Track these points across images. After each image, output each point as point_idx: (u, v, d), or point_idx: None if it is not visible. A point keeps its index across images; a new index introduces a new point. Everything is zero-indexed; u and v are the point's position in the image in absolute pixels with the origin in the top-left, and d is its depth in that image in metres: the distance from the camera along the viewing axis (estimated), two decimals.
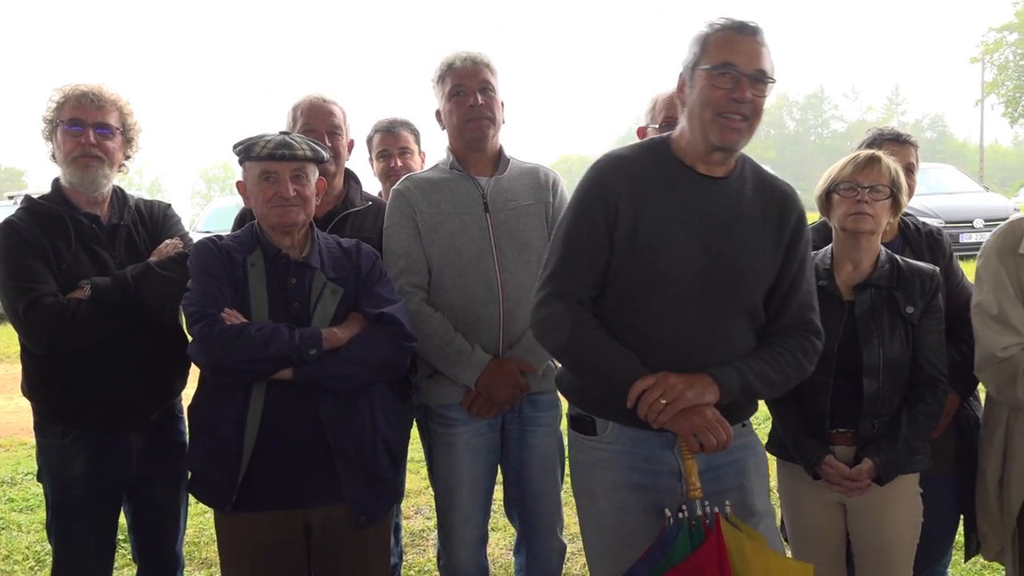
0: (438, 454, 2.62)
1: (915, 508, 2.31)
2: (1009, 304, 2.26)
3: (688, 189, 1.98)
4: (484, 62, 2.58)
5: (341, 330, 2.20)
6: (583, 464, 2.12)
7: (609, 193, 1.96)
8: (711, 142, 1.93)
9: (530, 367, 2.52)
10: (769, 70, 1.93)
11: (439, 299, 2.53)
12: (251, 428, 2.14)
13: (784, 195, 2.06)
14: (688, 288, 1.94)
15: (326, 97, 2.77)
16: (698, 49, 1.95)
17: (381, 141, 3.40)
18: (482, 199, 2.57)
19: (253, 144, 2.24)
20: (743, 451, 2.08)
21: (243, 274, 2.22)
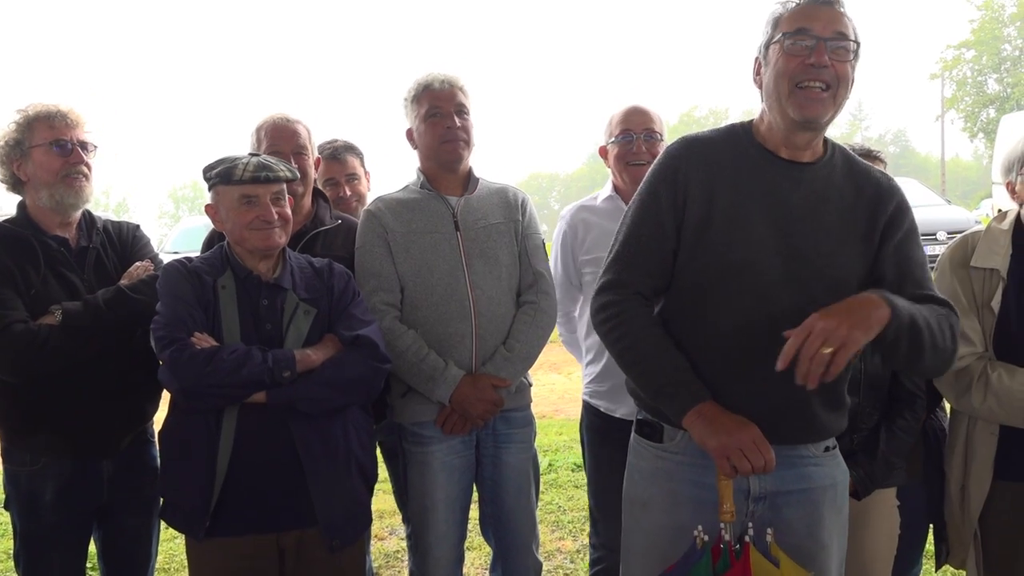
0: (412, 473, 2.61)
1: (892, 521, 2.34)
2: (964, 315, 2.29)
3: (768, 175, 1.83)
4: (459, 85, 2.62)
5: (315, 352, 2.19)
6: (643, 471, 1.98)
7: (680, 177, 1.84)
8: (791, 118, 1.77)
9: (503, 382, 2.53)
10: (851, 34, 1.77)
11: (412, 317, 2.54)
12: (223, 452, 2.12)
13: (879, 185, 1.88)
14: (766, 280, 1.78)
15: (290, 117, 2.77)
16: (771, 27, 1.82)
17: (327, 169, 3.29)
18: (453, 218, 2.59)
19: (231, 168, 2.22)
20: (822, 481, 1.89)
21: (213, 296, 2.20)
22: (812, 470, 1.88)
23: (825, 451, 1.92)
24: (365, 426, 2.34)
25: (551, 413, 6.66)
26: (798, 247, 1.80)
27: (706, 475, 1.83)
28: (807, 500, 1.87)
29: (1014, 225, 2.37)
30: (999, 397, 2.23)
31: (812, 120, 1.78)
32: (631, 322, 1.86)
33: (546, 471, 5.14)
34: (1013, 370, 2.24)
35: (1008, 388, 2.22)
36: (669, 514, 1.90)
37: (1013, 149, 2.38)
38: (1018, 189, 2.36)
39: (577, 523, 4.38)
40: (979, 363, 2.28)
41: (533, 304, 2.61)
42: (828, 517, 1.89)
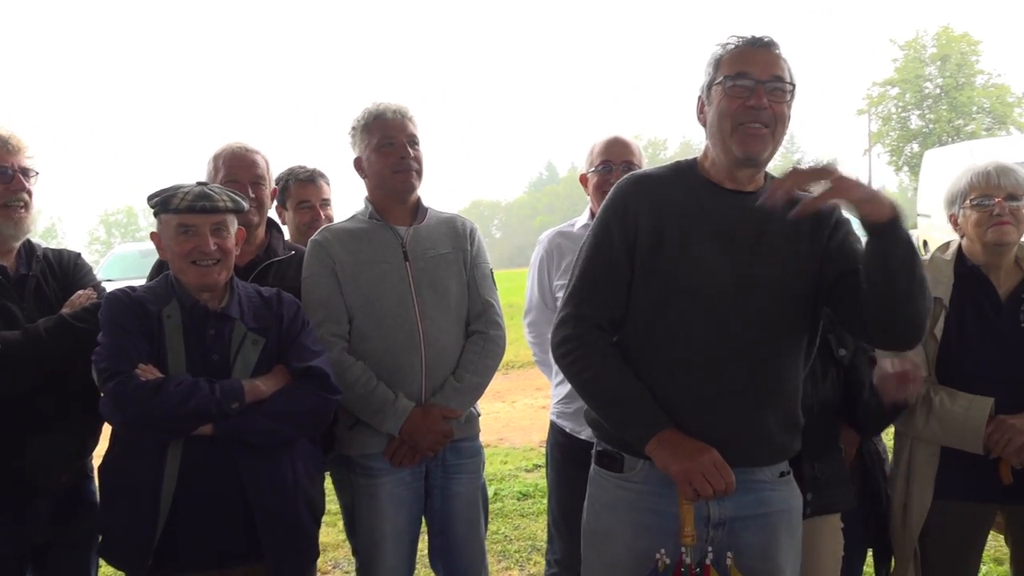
0: (361, 506, 2.58)
1: (838, 544, 2.40)
2: None
3: (714, 205, 1.91)
4: (410, 116, 2.63)
5: (264, 383, 2.16)
6: (604, 502, 2.00)
7: (629, 211, 1.91)
8: (734, 155, 1.87)
9: (454, 413, 2.53)
10: (787, 77, 1.88)
11: (361, 348, 2.53)
12: (167, 487, 2.07)
13: (818, 210, 1.91)
14: (717, 304, 1.85)
15: (248, 146, 2.75)
16: (712, 68, 1.92)
17: (302, 192, 3.31)
18: (401, 248, 2.59)
19: (170, 196, 2.18)
20: (778, 505, 1.95)
21: (158, 326, 2.15)
22: (769, 495, 1.93)
23: (780, 476, 1.98)
24: (313, 458, 2.31)
25: (496, 442, 6.65)
26: (746, 271, 1.87)
27: (666, 503, 1.86)
28: (764, 525, 1.92)
29: (956, 256, 2.49)
30: (941, 420, 2.35)
31: (753, 157, 1.88)
32: (590, 355, 1.91)
33: (492, 500, 5.08)
34: (954, 394, 2.36)
35: (949, 411, 2.34)
36: (631, 544, 1.92)
37: (956, 184, 2.50)
38: (960, 222, 2.49)
39: (524, 552, 4.37)
40: (923, 387, 2.38)
41: (482, 334, 2.62)
42: (784, 541, 1.95)
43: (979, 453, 2.32)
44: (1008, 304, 2.42)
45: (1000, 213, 2.37)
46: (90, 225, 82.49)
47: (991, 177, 2.40)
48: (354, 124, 2.66)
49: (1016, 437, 2.27)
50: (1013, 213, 2.38)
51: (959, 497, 2.42)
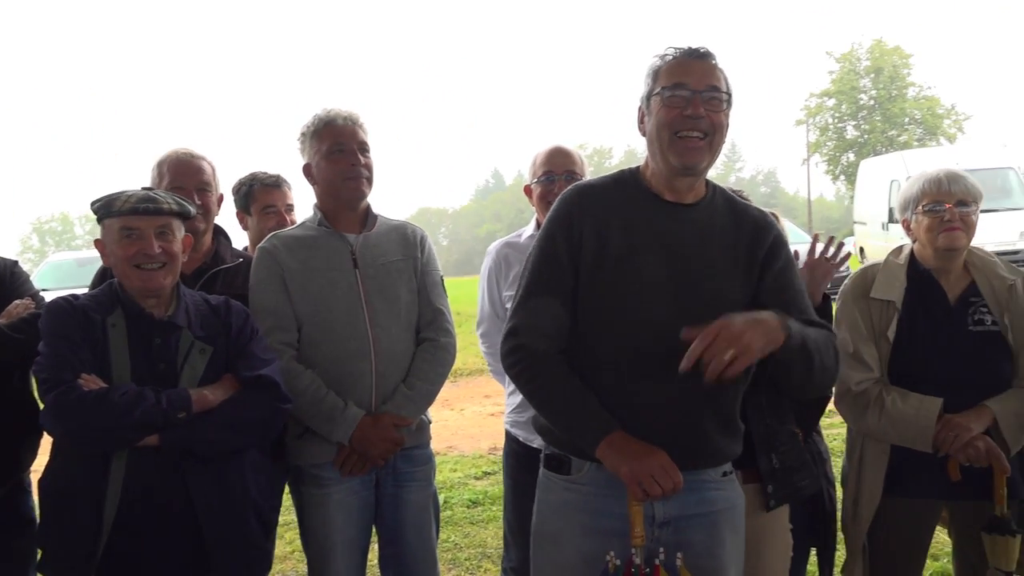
0: (310, 515, 2.55)
1: (787, 541, 2.45)
2: (863, 343, 2.51)
3: (655, 216, 1.95)
4: (360, 122, 2.62)
5: (212, 392, 2.12)
6: (552, 504, 2.02)
7: (574, 221, 1.94)
8: (672, 164, 1.91)
9: (405, 421, 2.52)
10: (723, 87, 1.92)
11: (310, 356, 2.50)
12: (111, 499, 2.02)
13: (757, 220, 2.03)
14: (658, 314, 1.89)
15: (194, 152, 2.71)
16: (651, 80, 1.95)
17: (268, 196, 3.28)
18: (351, 256, 2.57)
19: (113, 199, 2.14)
20: (722, 504, 1.99)
21: (102, 335, 2.10)
22: (713, 494, 1.97)
23: (723, 476, 2.02)
24: (264, 468, 2.28)
25: (444, 450, 6.63)
26: (686, 282, 1.92)
27: (613, 504, 1.89)
28: (709, 523, 1.96)
29: (908, 260, 2.58)
30: (892, 419, 2.44)
31: (692, 166, 1.92)
32: (538, 365, 1.94)
33: (442, 508, 5.10)
34: (905, 394, 2.45)
35: (901, 411, 2.42)
36: (579, 545, 1.94)
37: (908, 189, 2.59)
38: (912, 227, 2.58)
39: (474, 560, 4.37)
40: (875, 387, 2.48)
41: (433, 341, 2.62)
42: (728, 539, 2.00)
43: (928, 451, 2.40)
44: (957, 307, 2.52)
45: (950, 219, 2.46)
46: (22, 232, 79.76)
47: (942, 184, 2.49)
48: (303, 130, 2.64)
49: (963, 434, 2.36)
50: (963, 219, 2.47)
51: (908, 494, 2.52)
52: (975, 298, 2.52)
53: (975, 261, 2.57)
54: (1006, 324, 2.48)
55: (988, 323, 2.49)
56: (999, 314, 2.49)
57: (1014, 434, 2.42)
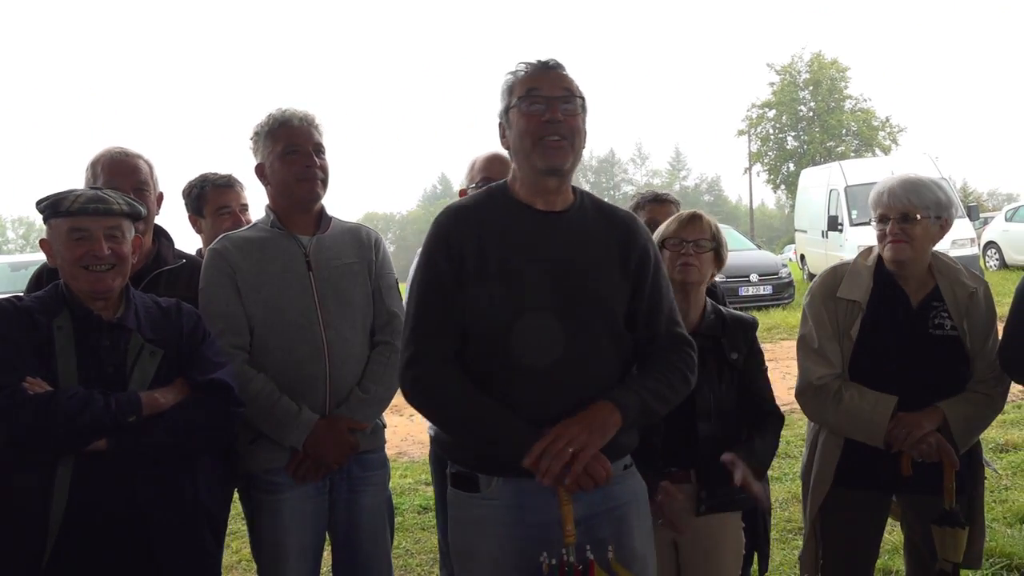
0: (262, 522, 2.50)
1: (739, 542, 2.50)
2: (827, 340, 2.60)
3: (529, 226, 2.00)
4: (316, 123, 2.58)
5: (163, 395, 2.07)
6: (465, 522, 2.05)
7: (452, 242, 1.98)
8: (539, 168, 1.96)
9: (360, 425, 2.50)
10: (577, 91, 2.00)
11: (262, 360, 2.46)
12: (57, 506, 1.95)
13: (626, 223, 2.10)
14: (545, 319, 1.94)
15: (129, 151, 2.64)
16: (507, 95, 2.02)
17: (220, 196, 3.22)
18: (305, 257, 2.54)
19: (61, 199, 2.07)
20: (624, 497, 2.05)
21: (48, 338, 2.03)
22: (615, 488, 2.00)
23: (624, 469, 2.09)
24: (216, 473, 2.23)
25: (395, 456, 6.57)
26: (568, 286, 1.98)
27: (527, 515, 1.95)
28: (615, 517, 2.02)
29: (876, 262, 2.66)
30: (848, 414, 2.52)
31: (557, 167, 1.98)
32: (443, 391, 1.95)
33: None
34: (863, 391, 2.53)
35: (857, 406, 2.51)
36: (497, 559, 1.97)
37: (871, 197, 2.67)
38: (875, 233, 2.65)
39: (425, 566, 4.34)
40: (835, 383, 2.57)
41: (388, 344, 2.60)
42: (635, 528, 2.06)
43: (879, 447, 2.49)
44: (919, 311, 2.60)
45: (892, 232, 2.55)
46: None
47: (882, 198, 2.58)
48: (257, 130, 2.59)
49: (915, 431, 2.45)
50: (906, 232, 2.54)
51: (859, 486, 2.61)
52: (937, 303, 2.60)
53: (940, 267, 2.65)
54: (964, 330, 2.57)
55: (948, 328, 2.57)
56: (959, 320, 2.57)
57: (963, 434, 2.51)
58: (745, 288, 13.50)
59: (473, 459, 2.01)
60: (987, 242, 17.33)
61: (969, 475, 2.60)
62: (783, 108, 47.92)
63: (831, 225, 15.85)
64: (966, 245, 14.13)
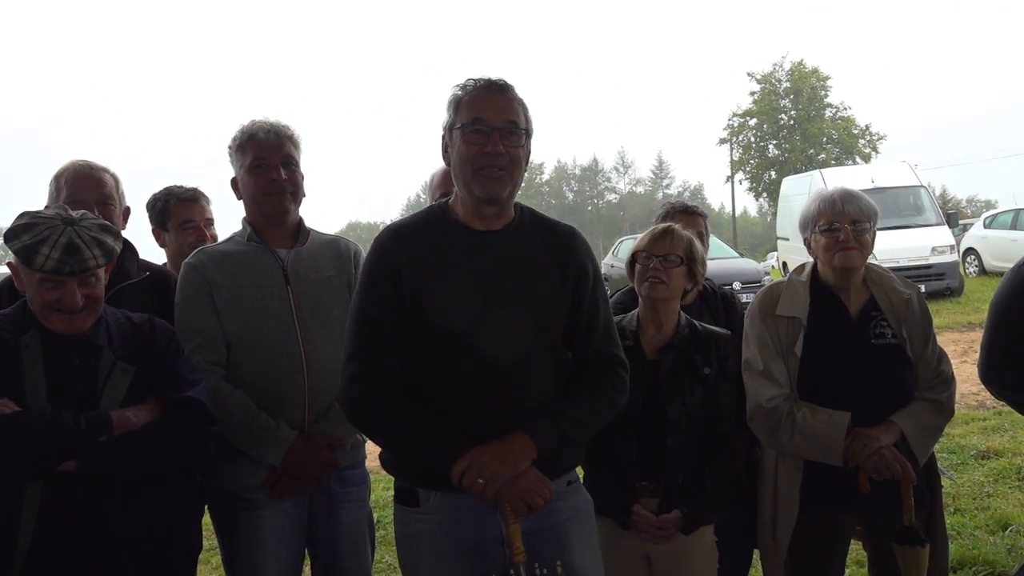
0: (239, 540, 2.45)
1: (712, 555, 2.48)
2: (771, 360, 2.54)
3: (465, 245, 2.02)
4: (287, 134, 2.54)
5: (135, 414, 2.02)
6: (408, 537, 2.07)
7: (391, 262, 1.99)
8: (476, 195, 1.99)
9: (340, 440, 2.46)
10: (521, 122, 2.00)
11: (239, 376, 2.42)
12: (24, 531, 1.90)
13: (565, 238, 2.12)
14: (479, 337, 1.96)
15: (93, 164, 2.60)
16: (452, 111, 2.02)
17: (185, 210, 3.18)
18: (282, 271, 2.50)
19: (33, 252, 1.94)
20: (565, 513, 2.07)
21: (15, 356, 1.98)
22: (556, 504, 2.01)
23: (568, 485, 2.12)
24: (189, 492, 2.19)
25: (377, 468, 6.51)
26: (504, 303, 1.99)
27: (463, 530, 1.98)
28: (555, 534, 2.04)
29: (811, 277, 2.63)
30: (804, 434, 2.45)
31: (494, 197, 2.00)
32: (383, 409, 1.97)
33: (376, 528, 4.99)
34: (815, 409, 2.47)
35: (812, 426, 2.45)
36: (440, 570, 1.99)
37: (807, 209, 2.64)
38: (813, 245, 2.63)
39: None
40: (785, 404, 2.50)
41: None
42: (576, 544, 2.07)
43: (839, 465, 2.44)
44: (859, 322, 2.58)
45: (845, 239, 2.52)
46: None
47: (836, 204, 2.55)
48: (230, 143, 2.56)
49: (871, 444, 2.40)
50: (857, 239, 2.52)
51: (823, 507, 2.53)
52: (875, 312, 2.58)
53: (873, 277, 2.63)
54: (904, 337, 2.54)
55: (888, 336, 2.55)
56: (897, 327, 2.55)
57: (921, 445, 2.48)
58: None
59: (414, 474, 2.03)
60: (966, 249, 17.49)
61: (927, 488, 2.56)
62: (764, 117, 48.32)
63: None
64: (946, 252, 14.25)
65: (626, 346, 2.40)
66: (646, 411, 2.41)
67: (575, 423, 2.00)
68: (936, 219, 15.32)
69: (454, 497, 1.94)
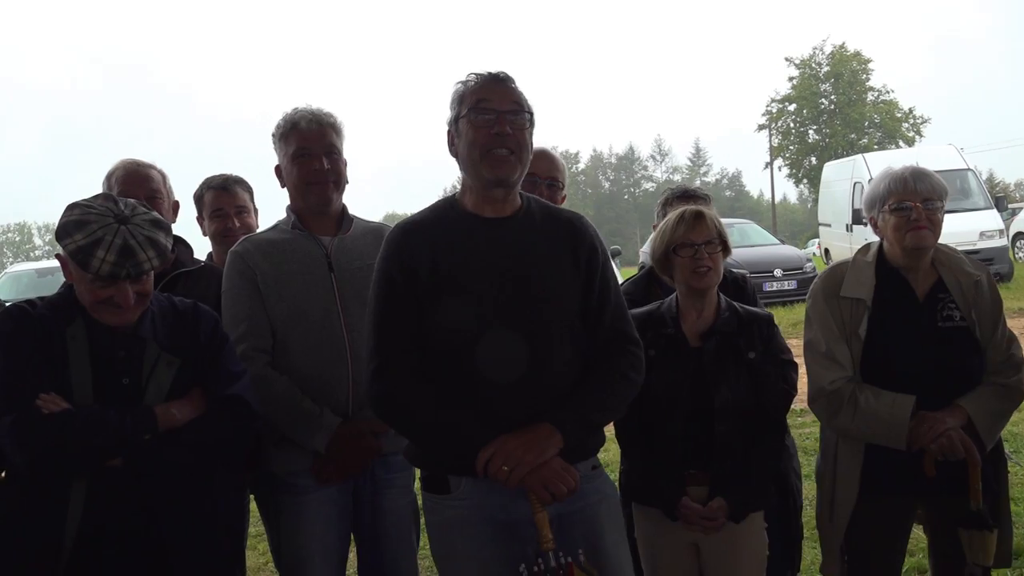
0: (286, 524, 2.47)
1: (762, 543, 2.45)
2: (834, 342, 2.49)
3: (477, 234, 2.04)
4: (330, 123, 2.55)
5: (179, 409, 2.01)
6: (440, 525, 2.07)
7: (404, 257, 2.01)
8: (486, 179, 2.00)
9: (382, 427, 2.45)
10: (525, 106, 2.03)
11: (285, 362, 2.44)
12: (71, 523, 1.90)
13: (572, 224, 2.14)
14: (498, 324, 1.97)
15: (141, 162, 2.67)
16: (457, 104, 2.04)
17: (215, 199, 3.21)
18: (326, 259, 2.51)
19: (88, 254, 1.91)
20: (593, 496, 2.08)
21: (61, 348, 1.96)
22: (583, 488, 2.00)
23: (592, 469, 2.12)
24: (233, 482, 2.20)
25: None
26: (518, 290, 2.01)
27: (497, 513, 1.99)
28: (585, 517, 2.05)
29: (877, 257, 2.57)
30: (866, 417, 2.40)
31: (504, 179, 2.01)
32: (409, 403, 1.98)
33: None
34: (878, 392, 2.42)
35: (874, 409, 2.39)
36: (475, 556, 1.99)
37: (874, 188, 2.58)
38: (880, 225, 2.56)
39: None
40: (848, 386, 2.45)
41: None
42: (607, 528, 2.08)
43: (902, 449, 2.38)
44: (926, 304, 2.51)
45: (917, 218, 2.44)
46: None
47: (907, 182, 2.47)
48: (274, 131, 2.58)
49: (938, 427, 2.34)
50: (929, 217, 2.45)
51: (884, 492, 2.49)
52: (943, 294, 2.51)
53: (942, 258, 2.56)
54: (973, 319, 2.47)
55: (956, 319, 2.48)
56: (966, 310, 2.48)
57: (988, 430, 2.41)
58: (769, 283, 13.37)
59: (442, 461, 2.04)
60: (1015, 233, 17.08)
61: (993, 472, 2.49)
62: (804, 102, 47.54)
63: (856, 219, 15.65)
64: (995, 236, 13.93)
65: (667, 334, 2.38)
66: (692, 399, 2.37)
67: (598, 408, 2.03)
68: (984, 203, 14.97)
69: (484, 482, 1.94)
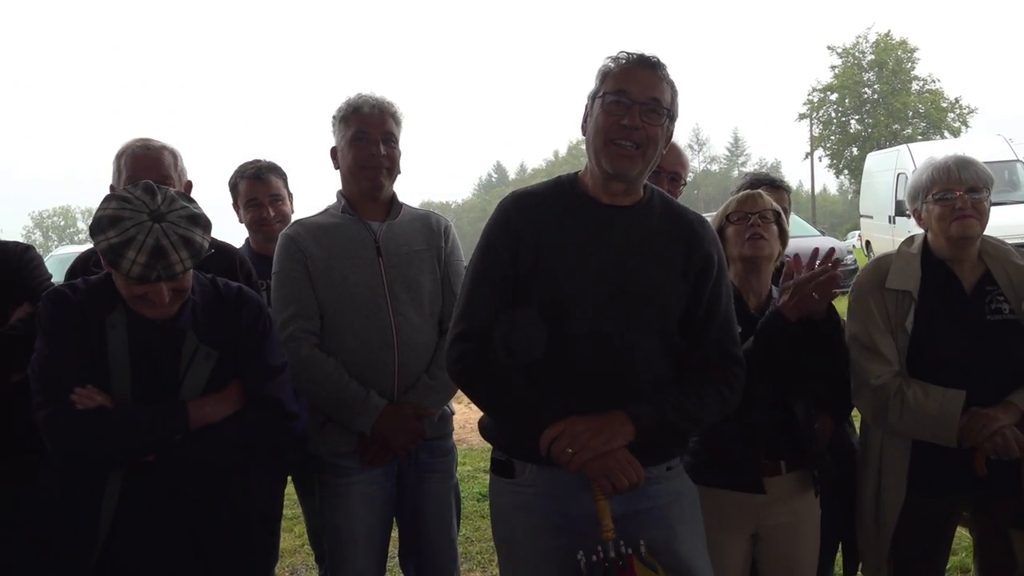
0: (329, 506, 2.51)
1: (817, 529, 2.43)
2: (880, 335, 2.41)
3: (590, 219, 1.98)
4: (391, 111, 2.57)
5: (213, 406, 1.98)
6: (502, 508, 2.07)
7: (511, 228, 1.97)
8: (604, 169, 1.95)
9: (427, 412, 2.48)
10: (665, 101, 1.94)
11: (332, 344, 2.46)
12: (106, 514, 1.91)
13: (692, 225, 2.05)
14: (591, 316, 1.92)
15: (151, 143, 2.62)
16: (599, 81, 1.97)
17: (250, 189, 3.23)
18: (375, 244, 2.53)
19: (118, 254, 1.85)
20: (666, 497, 2.01)
21: (100, 338, 1.93)
22: (655, 488, 1.98)
23: (667, 470, 2.05)
24: (270, 468, 2.18)
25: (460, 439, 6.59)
26: (622, 283, 1.94)
27: (560, 504, 1.95)
28: (656, 516, 1.98)
29: (922, 249, 2.51)
30: (915, 414, 2.33)
31: (622, 174, 1.94)
32: (486, 370, 1.94)
33: None
34: (927, 388, 2.34)
35: (923, 405, 2.32)
36: (534, 543, 1.97)
37: (918, 178, 2.51)
38: (923, 216, 2.49)
39: (485, 554, 4.32)
40: (895, 381, 2.37)
41: None
42: (680, 528, 2.01)
43: (952, 446, 2.30)
44: (973, 296, 2.44)
45: (962, 207, 2.37)
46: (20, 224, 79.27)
47: (952, 171, 2.40)
48: (335, 113, 2.60)
49: (991, 424, 2.26)
50: (975, 206, 2.38)
51: (932, 491, 2.42)
52: (991, 287, 2.44)
53: (989, 249, 2.49)
54: (1023, 312, 2.40)
55: (1006, 312, 2.40)
56: (1015, 302, 2.40)
57: None
58: None
59: (509, 445, 2.02)
60: None
61: None
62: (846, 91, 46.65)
63: (899, 210, 15.32)
64: None
65: None
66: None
67: (680, 413, 1.93)
68: None
69: (548, 470, 1.91)
